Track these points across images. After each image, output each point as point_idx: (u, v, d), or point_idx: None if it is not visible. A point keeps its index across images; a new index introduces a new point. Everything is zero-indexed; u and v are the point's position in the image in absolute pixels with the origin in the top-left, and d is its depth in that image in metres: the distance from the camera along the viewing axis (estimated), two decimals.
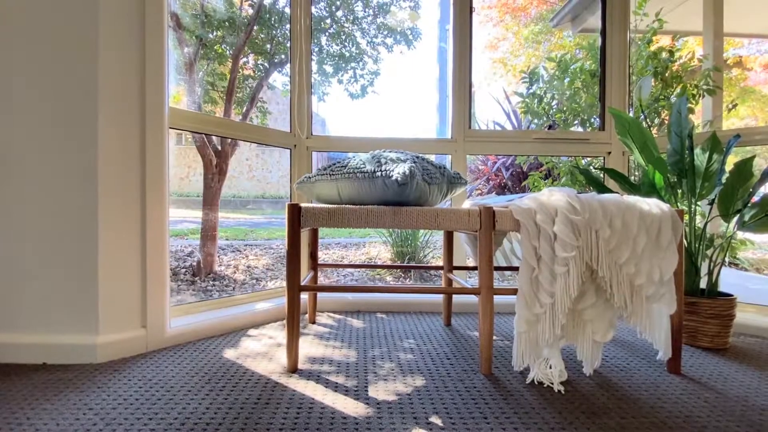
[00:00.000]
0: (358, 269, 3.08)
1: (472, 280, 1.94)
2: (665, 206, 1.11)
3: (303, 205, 1.11)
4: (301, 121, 1.83)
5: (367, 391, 1.00)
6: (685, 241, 1.40)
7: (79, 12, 1.15)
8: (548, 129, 2.32)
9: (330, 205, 1.13)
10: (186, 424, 0.83)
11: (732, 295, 1.35)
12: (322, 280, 2.97)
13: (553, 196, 1.10)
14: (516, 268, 1.53)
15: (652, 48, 2.16)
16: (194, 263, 2.88)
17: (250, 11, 2.85)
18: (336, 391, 0.99)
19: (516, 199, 1.17)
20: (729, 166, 1.38)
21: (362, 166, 1.16)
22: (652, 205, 1.11)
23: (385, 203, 1.17)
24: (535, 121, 2.69)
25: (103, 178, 1.17)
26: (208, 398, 0.94)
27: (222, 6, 2.52)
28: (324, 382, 1.04)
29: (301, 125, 1.83)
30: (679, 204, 1.51)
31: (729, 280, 3.02)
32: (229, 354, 1.24)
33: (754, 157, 1.40)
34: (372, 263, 3.52)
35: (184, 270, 2.86)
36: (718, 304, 1.31)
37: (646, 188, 1.40)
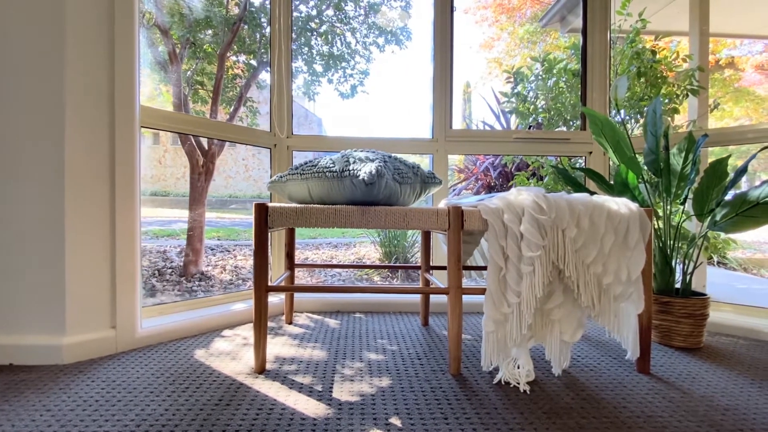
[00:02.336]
0: (346, 269, 3.07)
1: (464, 281, 1.93)
2: (634, 206, 1.10)
3: (270, 204, 1.11)
4: (281, 121, 1.82)
5: (331, 392, 0.99)
6: (659, 240, 1.40)
7: (44, 7, 1.14)
8: (530, 129, 2.32)
9: (298, 205, 1.12)
10: (142, 425, 0.82)
11: (705, 295, 1.35)
12: (309, 280, 2.96)
13: (521, 196, 1.09)
14: None
15: (636, 47, 2.15)
16: (180, 263, 2.87)
17: (237, 10, 2.84)
18: (300, 391, 0.99)
19: (486, 199, 1.17)
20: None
21: (331, 165, 1.15)
22: (620, 204, 1.10)
23: (355, 203, 1.17)
24: (522, 121, 2.69)
25: (70, 178, 1.16)
26: (169, 399, 0.94)
27: (198, 4, 2.50)
28: (289, 382, 1.04)
29: (280, 124, 1.82)
30: (662, 204, 1.51)
31: (716, 280, 3.04)
32: (199, 355, 1.23)
33: (729, 156, 1.39)
34: (355, 263, 3.51)
35: (170, 270, 2.84)
36: (691, 303, 1.30)
37: (619, 187, 1.40)
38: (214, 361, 1.17)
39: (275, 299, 1.71)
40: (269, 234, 1.79)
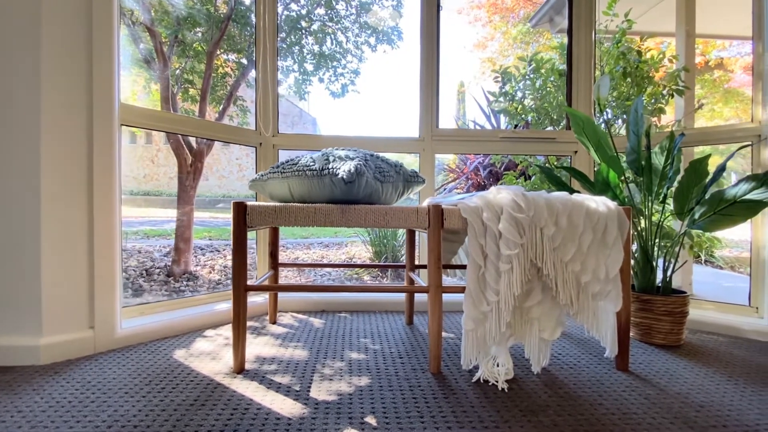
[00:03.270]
0: (335, 269, 3.06)
1: (450, 279, 1.93)
2: (612, 204, 1.11)
3: (249, 203, 1.10)
4: (266, 119, 1.81)
5: (309, 391, 0.99)
6: (641, 239, 1.41)
7: (19, 3, 1.12)
8: (516, 128, 2.32)
9: (277, 204, 1.11)
10: (113, 426, 0.82)
11: (685, 293, 1.36)
12: (299, 279, 2.95)
13: (500, 194, 1.09)
14: None
15: (621, 48, 2.16)
16: (168, 263, 2.85)
17: (226, 8, 2.82)
18: (277, 391, 0.98)
19: (467, 198, 1.17)
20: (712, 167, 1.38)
21: (311, 164, 1.15)
22: (599, 203, 1.11)
23: (335, 201, 1.16)
24: (510, 120, 2.70)
25: (47, 177, 1.14)
26: (143, 400, 0.93)
27: (182, 1, 2.48)
28: (267, 382, 1.03)
29: (265, 123, 1.81)
30: (644, 202, 1.52)
31: (703, 278, 3.07)
32: (178, 355, 1.22)
33: (709, 155, 1.41)
34: (342, 263, 3.51)
35: (158, 270, 2.82)
36: (671, 301, 1.31)
37: (601, 186, 1.41)
38: (194, 362, 1.16)
39: (260, 299, 1.70)
40: (255, 233, 1.78)
